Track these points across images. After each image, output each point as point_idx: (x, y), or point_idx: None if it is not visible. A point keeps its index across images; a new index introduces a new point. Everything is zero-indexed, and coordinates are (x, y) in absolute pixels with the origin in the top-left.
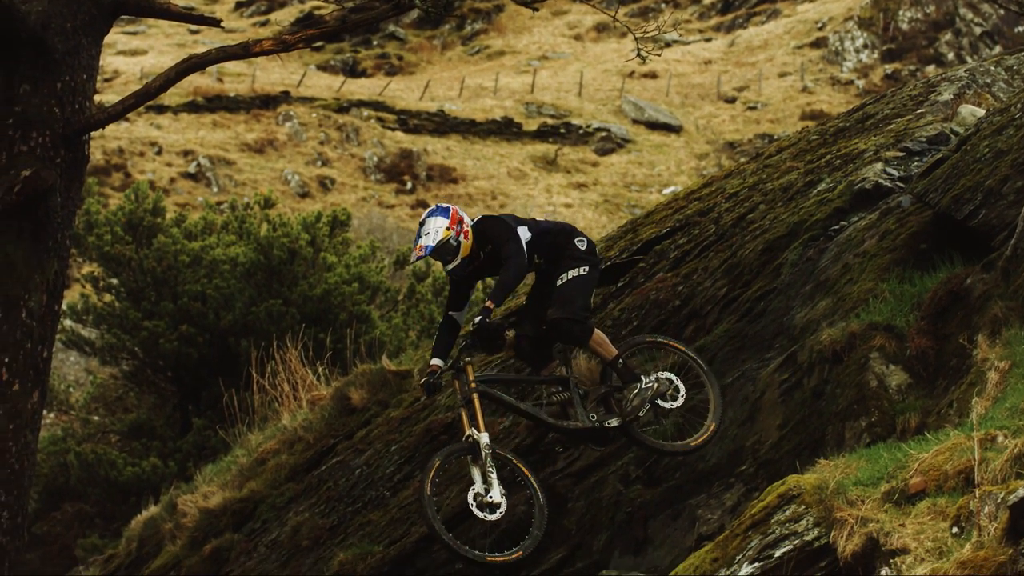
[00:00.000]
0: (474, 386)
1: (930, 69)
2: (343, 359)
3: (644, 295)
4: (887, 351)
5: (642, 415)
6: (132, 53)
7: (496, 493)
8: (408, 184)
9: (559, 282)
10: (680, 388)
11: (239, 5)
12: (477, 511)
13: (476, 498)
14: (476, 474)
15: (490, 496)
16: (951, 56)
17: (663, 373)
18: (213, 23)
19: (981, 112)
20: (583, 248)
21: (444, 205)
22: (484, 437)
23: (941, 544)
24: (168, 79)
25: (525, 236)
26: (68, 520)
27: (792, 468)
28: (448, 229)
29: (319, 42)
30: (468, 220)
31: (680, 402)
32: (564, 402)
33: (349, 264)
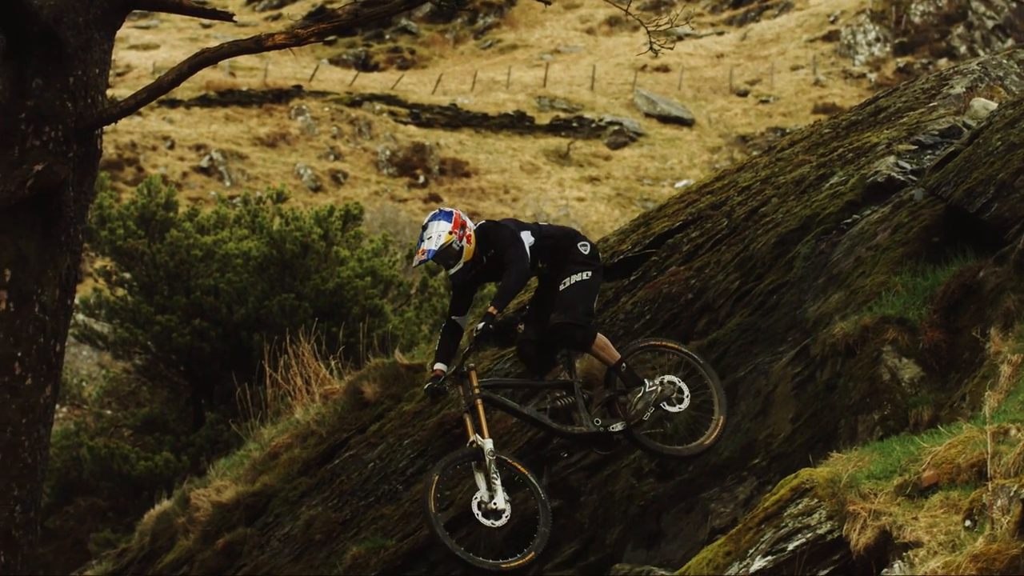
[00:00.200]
0: (478, 392)
1: (942, 62)
2: (356, 353)
3: (657, 289)
4: (900, 344)
5: (646, 419)
6: (144, 47)
7: (500, 500)
8: (420, 178)
9: (562, 287)
10: (684, 391)
11: (251, 0)
12: (482, 519)
13: (480, 505)
14: (480, 480)
15: (494, 503)
16: (963, 49)
17: (667, 376)
18: (225, 17)
19: (993, 105)
20: (586, 253)
21: (447, 209)
22: (488, 443)
23: (954, 537)
24: (180, 73)
25: (528, 241)
26: (81, 514)
27: (805, 461)
28: (451, 233)
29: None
30: (471, 225)
31: (685, 405)
32: (568, 407)
33: (362, 258)
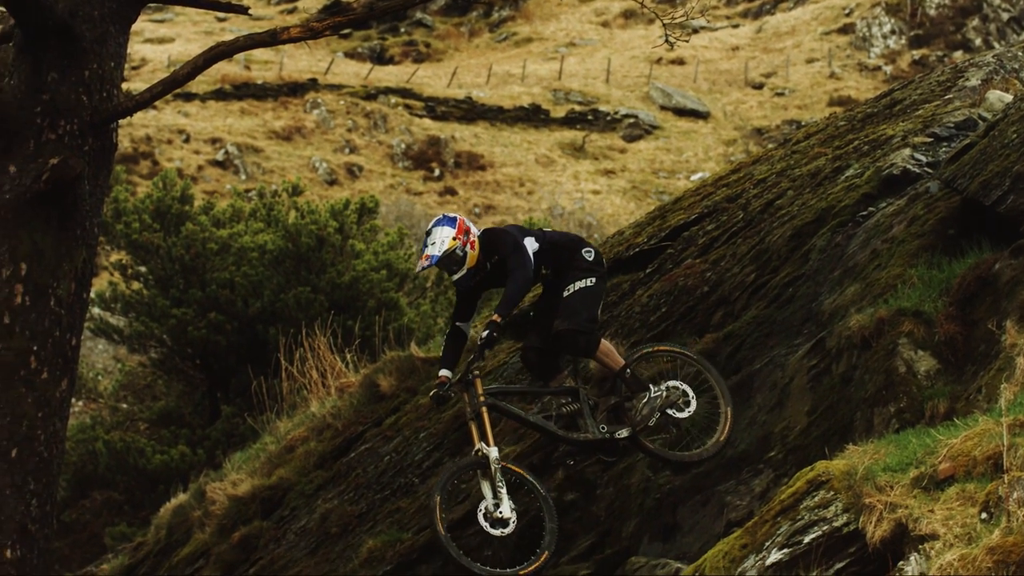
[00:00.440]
0: (483, 399)
1: (958, 55)
2: (372, 346)
3: (672, 281)
4: (915, 337)
5: (652, 424)
6: (159, 41)
7: (506, 508)
8: (436, 171)
9: (565, 293)
10: (690, 396)
11: None
12: (488, 527)
13: (486, 513)
14: (486, 489)
15: (500, 512)
16: (979, 42)
17: (673, 382)
18: (241, 11)
19: (1009, 98)
20: (590, 259)
21: (451, 215)
22: (493, 451)
23: (970, 530)
24: (196, 67)
25: (532, 247)
26: (97, 508)
27: (821, 454)
28: (454, 239)
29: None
30: (475, 231)
31: (691, 410)
32: (574, 413)
33: (377, 251)
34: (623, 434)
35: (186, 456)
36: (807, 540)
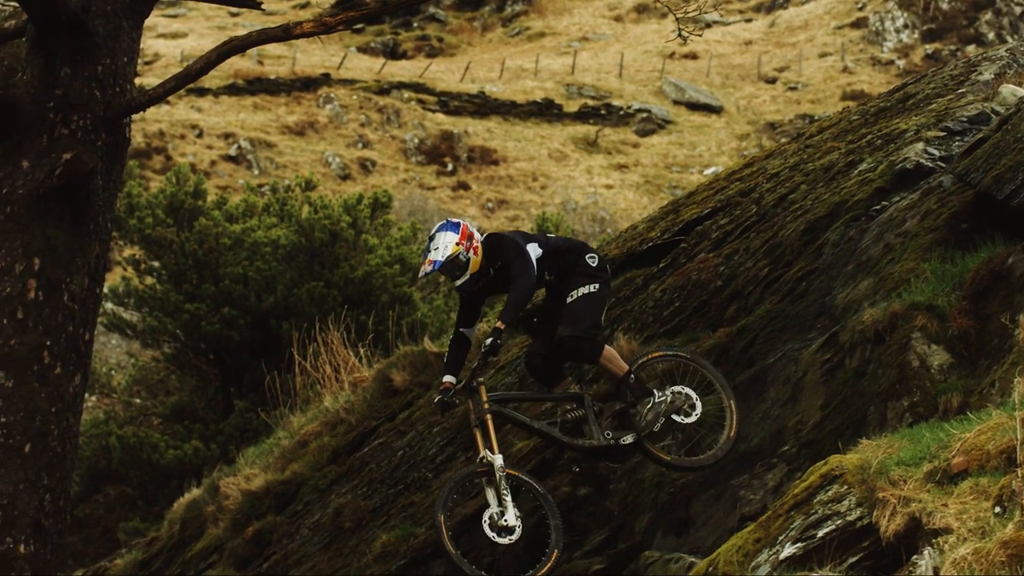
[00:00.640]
0: (487, 407)
1: (971, 49)
2: (385, 341)
3: (686, 276)
4: (929, 331)
5: (656, 430)
6: (172, 36)
7: (511, 516)
8: (449, 166)
9: (569, 299)
10: (695, 400)
11: None
12: (494, 536)
13: (491, 521)
14: (491, 496)
15: (505, 519)
16: (991, 36)
17: (677, 387)
18: (253, 5)
19: (1022, 92)
20: (594, 265)
21: (454, 220)
22: (498, 459)
23: (983, 524)
24: (209, 62)
25: (535, 253)
26: (110, 503)
27: (834, 448)
28: (457, 245)
29: (360, 24)
30: (478, 236)
31: (697, 414)
32: (578, 419)
33: (390, 246)
34: (628, 440)
35: (199, 451)
36: (821, 534)
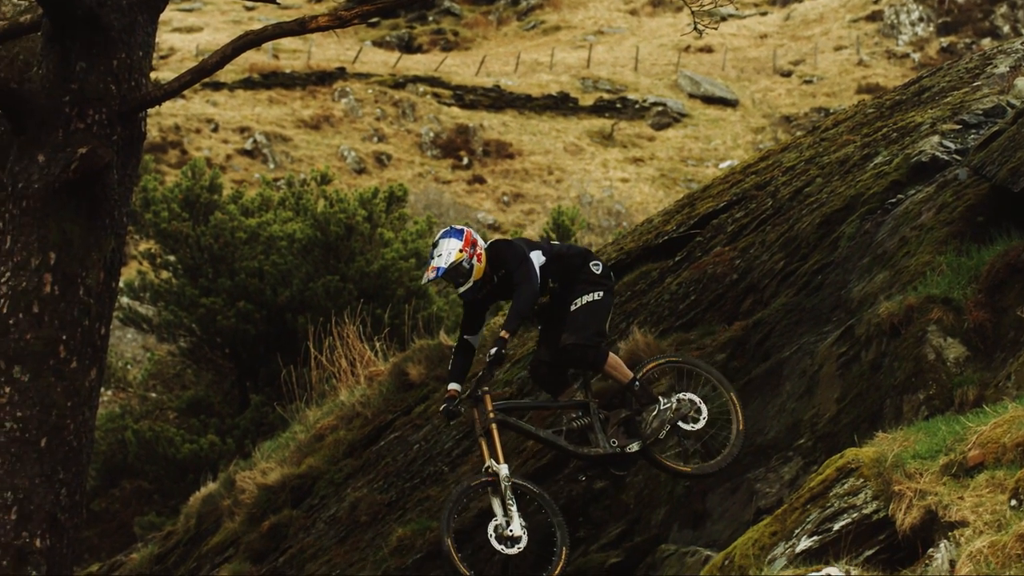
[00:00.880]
0: (493, 416)
1: (986, 42)
2: (401, 335)
3: (701, 269)
4: (945, 324)
5: (662, 437)
6: (188, 30)
7: (516, 526)
8: (464, 159)
9: (573, 307)
10: (701, 407)
11: None
12: (500, 546)
13: (496, 531)
14: (496, 506)
15: (511, 529)
16: (1007, 29)
17: (682, 394)
18: None
19: None
20: (598, 272)
21: (458, 227)
22: (504, 469)
23: (1000, 517)
24: (224, 56)
25: (539, 260)
26: (126, 497)
27: (850, 441)
28: (461, 251)
29: (375, 18)
30: (481, 243)
31: (703, 420)
32: (584, 427)
33: (406, 240)
34: (634, 448)
35: (215, 445)
36: (837, 527)
